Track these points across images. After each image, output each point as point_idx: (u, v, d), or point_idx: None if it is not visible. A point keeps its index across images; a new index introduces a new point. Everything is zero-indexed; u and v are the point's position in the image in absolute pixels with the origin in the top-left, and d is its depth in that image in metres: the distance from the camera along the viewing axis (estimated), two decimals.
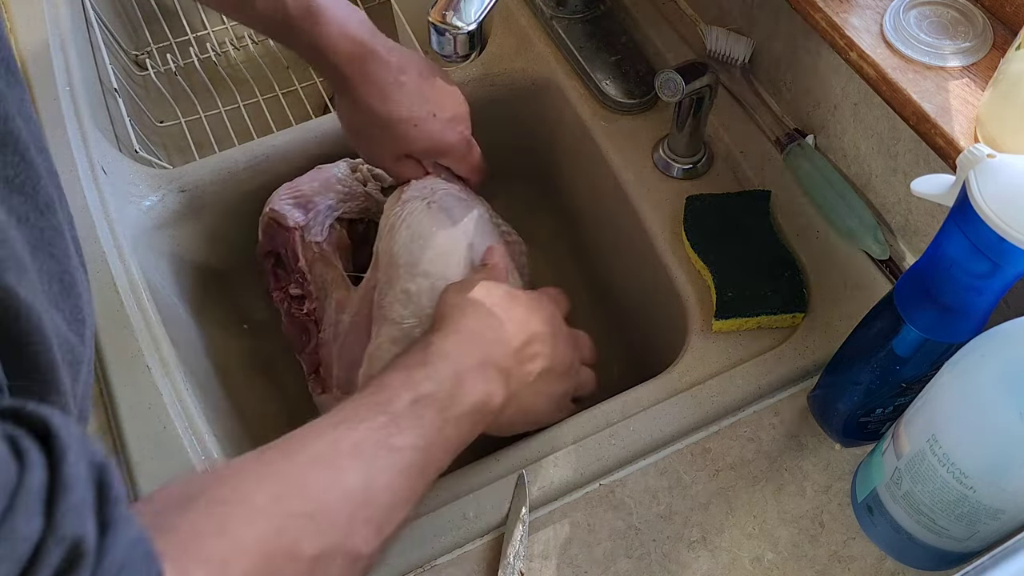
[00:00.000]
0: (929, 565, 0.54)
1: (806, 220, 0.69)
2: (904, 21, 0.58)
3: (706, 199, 0.70)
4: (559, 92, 0.82)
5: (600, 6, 0.83)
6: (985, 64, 0.56)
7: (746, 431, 0.60)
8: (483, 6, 0.58)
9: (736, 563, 0.55)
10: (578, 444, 0.59)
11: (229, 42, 1.02)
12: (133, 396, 0.61)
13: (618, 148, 0.76)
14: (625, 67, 0.79)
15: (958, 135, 0.53)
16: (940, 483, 0.47)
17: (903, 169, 0.63)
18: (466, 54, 0.60)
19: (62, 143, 0.73)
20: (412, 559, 0.55)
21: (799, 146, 0.70)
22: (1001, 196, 0.41)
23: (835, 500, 0.57)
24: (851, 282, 0.66)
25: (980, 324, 0.47)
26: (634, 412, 0.61)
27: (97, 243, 0.68)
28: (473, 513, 0.57)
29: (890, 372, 0.52)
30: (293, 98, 1.01)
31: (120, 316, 0.64)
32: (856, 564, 0.55)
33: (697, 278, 0.68)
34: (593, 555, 0.55)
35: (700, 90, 0.67)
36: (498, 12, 0.86)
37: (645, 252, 0.73)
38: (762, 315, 0.64)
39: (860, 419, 0.56)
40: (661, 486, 0.58)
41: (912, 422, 0.49)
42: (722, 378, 0.62)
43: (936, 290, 0.47)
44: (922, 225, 0.63)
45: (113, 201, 0.71)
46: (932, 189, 0.46)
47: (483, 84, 0.82)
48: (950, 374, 0.46)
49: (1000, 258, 0.42)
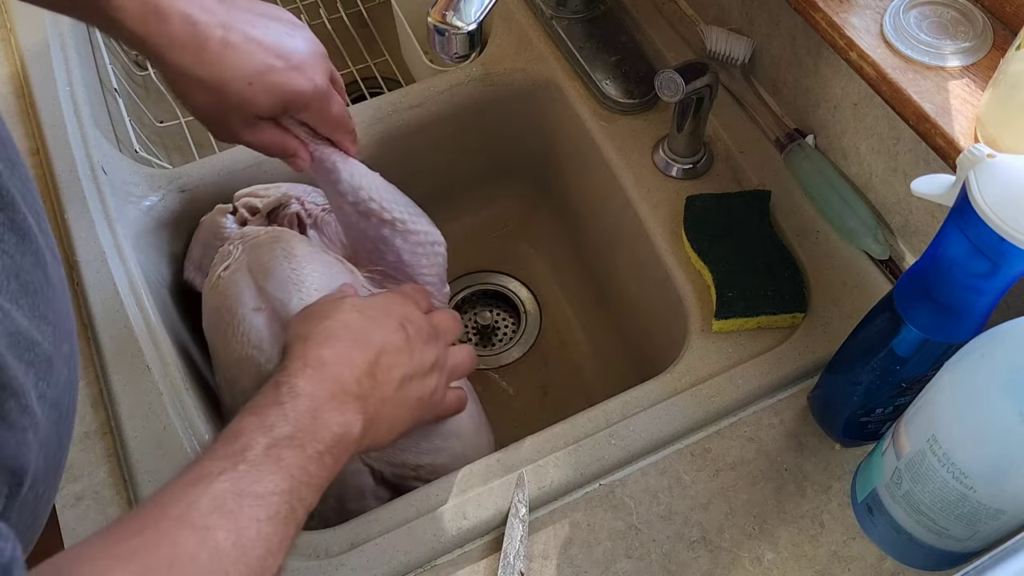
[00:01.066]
0: (929, 565, 0.54)
1: (806, 220, 0.69)
2: (904, 21, 0.58)
3: (706, 199, 0.70)
4: (559, 92, 0.82)
5: (600, 6, 0.83)
6: (985, 64, 0.56)
7: (746, 431, 0.60)
8: (483, 6, 0.58)
9: (736, 563, 0.55)
10: (578, 444, 0.59)
11: None
12: (133, 396, 0.61)
13: (618, 148, 0.76)
14: (625, 67, 0.79)
15: (958, 135, 0.53)
16: (940, 483, 0.47)
17: (903, 169, 0.63)
18: (466, 54, 0.60)
19: (62, 143, 0.73)
20: (412, 559, 0.55)
21: (799, 146, 0.70)
22: (1001, 196, 0.41)
23: (835, 500, 0.57)
24: (851, 282, 0.66)
25: (980, 324, 0.47)
26: (634, 412, 0.61)
27: (97, 243, 0.68)
28: (473, 513, 0.57)
29: (890, 372, 0.52)
30: None
31: (120, 316, 0.64)
32: (856, 564, 0.55)
33: (697, 278, 0.68)
34: (593, 555, 0.55)
35: (700, 90, 0.67)
36: (498, 12, 0.86)
37: (645, 252, 0.73)
38: (762, 315, 0.64)
39: (860, 419, 0.56)
40: (661, 486, 0.58)
41: (912, 422, 0.49)
42: (722, 378, 0.62)
43: (936, 290, 0.47)
44: (922, 225, 0.63)
45: (113, 201, 0.71)
46: (932, 189, 0.46)
47: (483, 84, 0.82)
48: (950, 374, 0.46)
49: (1000, 258, 0.42)
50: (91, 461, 0.59)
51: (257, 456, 0.43)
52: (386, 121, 0.80)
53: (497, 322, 0.92)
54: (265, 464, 0.43)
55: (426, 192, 0.87)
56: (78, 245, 0.68)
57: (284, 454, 0.44)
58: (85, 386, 0.62)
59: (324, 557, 0.55)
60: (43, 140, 0.74)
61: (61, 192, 0.70)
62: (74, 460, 0.59)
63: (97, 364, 0.63)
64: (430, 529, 0.56)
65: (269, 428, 0.45)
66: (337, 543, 0.55)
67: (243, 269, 0.64)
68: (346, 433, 0.48)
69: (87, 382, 0.63)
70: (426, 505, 0.57)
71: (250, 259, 0.64)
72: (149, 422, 0.60)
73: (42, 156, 0.74)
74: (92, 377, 0.63)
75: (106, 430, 0.61)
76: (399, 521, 0.56)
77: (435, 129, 0.82)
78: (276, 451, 0.44)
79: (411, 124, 0.81)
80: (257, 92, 0.56)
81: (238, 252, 0.65)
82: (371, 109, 0.80)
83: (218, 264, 0.66)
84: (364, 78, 1.02)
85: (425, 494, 0.58)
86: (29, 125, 0.76)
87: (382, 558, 0.55)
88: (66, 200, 0.70)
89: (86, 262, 0.67)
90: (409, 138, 0.81)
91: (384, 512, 0.57)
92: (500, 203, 0.95)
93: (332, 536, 0.56)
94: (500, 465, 0.59)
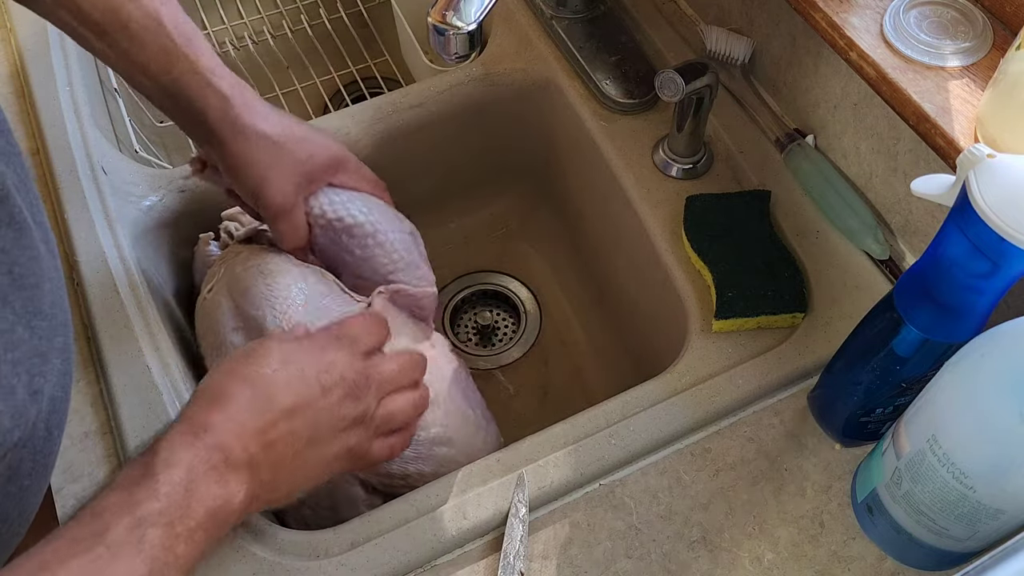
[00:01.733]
0: (929, 565, 0.54)
1: (806, 220, 0.69)
2: (904, 21, 0.58)
3: (706, 199, 0.70)
4: (559, 92, 0.82)
5: (600, 6, 0.83)
6: (985, 64, 0.56)
7: (746, 431, 0.60)
8: (483, 6, 0.58)
9: (736, 563, 0.55)
10: (578, 444, 0.59)
11: (229, 42, 1.01)
12: (133, 396, 0.61)
13: (618, 148, 0.76)
14: (625, 67, 0.79)
15: (958, 135, 0.53)
16: (940, 483, 0.47)
17: (903, 169, 0.63)
18: (466, 54, 0.60)
19: (62, 143, 0.73)
20: (412, 559, 0.55)
21: (799, 146, 0.70)
22: (1001, 196, 0.41)
23: (835, 500, 0.57)
24: (851, 282, 0.66)
25: (980, 324, 0.47)
26: (634, 412, 0.61)
27: (97, 243, 0.68)
28: (473, 513, 0.57)
29: (890, 372, 0.52)
30: (293, 98, 1.01)
31: (120, 316, 0.64)
32: (856, 564, 0.55)
33: (697, 278, 0.68)
34: (593, 555, 0.55)
35: (700, 90, 0.67)
36: (498, 12, 0.86)
37: (645, 252, 0.73)
38: (762, 315, 0.64)
39: (860, 419, 0.56)
40: (661, 486, 0.58)
41: (912, 422, 0.49)
42: (722, 378, 0.62)
43: (936, 290, 0.47)
44: (922, 225, 0.63)
45: (113, 201, 0.71)
46: (932, 189, 0.46)
47: (483, 84, 0.82)
48: (950, 374, 0.46)
49: (1000, 258, 0.42)
50: (91, 461, 0.59)
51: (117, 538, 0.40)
52: (386, 121, 0.80)
53: (497, 322, 0.92)
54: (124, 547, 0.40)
55: (426, 192, 0.87)
56: (78, 245, 0.68)
57: (148, 533, 0.41)
58: (85, 386, 0.62)
59: (324, 557, 0.55)
60: (43, 140, 0.74)
61: (61, 192, 0.70)
62: (74, 460, 0.59)
63: (97, 364, 0.63)
64: (430, 529, 0.56)
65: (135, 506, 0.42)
66: (337, 543, 0.55)
67: (224, 290, 0.64)
68: (224, 505, 0.45)
69: (87, 382, 0.63)
70: (426, 505, 0.57)
71: (229, 279, 0.64)
72: (149, 422, 0.60)
73: (42, 156, 0.74)
74: (92, 377, 0.63)
75: (106, 430, 0.61)
76: (399, 521, 0.56)
77: (435, 129, 0.82)
78: (140, 531, 0.41)
79: (411, 124, 0.81)
80: (314, 148, 0.62)
81: (220, 272, 0.66)
82: (371, 109, 0.80)
83: (204, 286, 0.67)
84: (364, 78, 1.02)
85: (425, 494, 0.58)
86: (29, 125, 0.76)
87: (382, 558, 0.55)
88: (66, 200, 0.70)
89: (86, 262, 0.67)
90: (409, 138, 0.81)
91: (384, 512, 0.57)
92: (500, 203, 0.95)
93: (332, 536, 0.56)
94: (500, 465, 0.59)
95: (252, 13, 1.05)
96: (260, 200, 0.61)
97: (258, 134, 0.59)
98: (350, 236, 0.65)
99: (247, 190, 0.61)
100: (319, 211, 0.64)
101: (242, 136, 0.59)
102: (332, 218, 0.64)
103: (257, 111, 0.60)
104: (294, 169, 0.61)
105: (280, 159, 0.60)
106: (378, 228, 0.65)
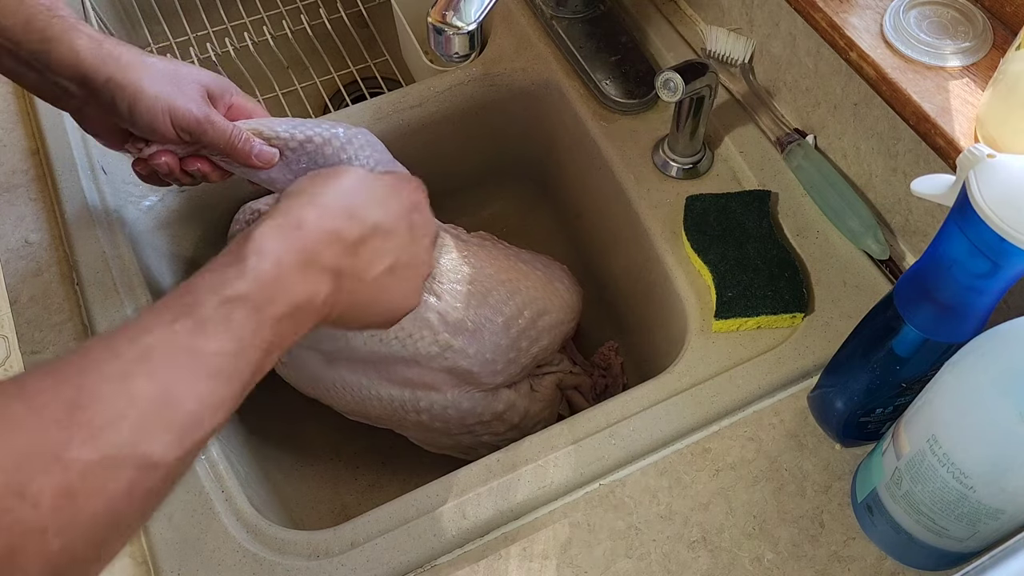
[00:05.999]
0: (929, 565, 0.54)
1: (806, 220, 0.69)
2: (904, 21, 0.58)
3: (706, 199, 0.70)
4: (559, 92, 0.82)
5: (600, 6, 0.83)
6: (985, 64, 0.56)
7: (746, 431, 0.60)
8: (483, 6, 0.58)
9: (736, 563, 0.55)
10: (578, 444, 0.59)
11: (229, 42, 1.01)
12: None
13: (618, 148, 0.76)
14: (625, 67, 0.79)
15: (958, 135, 0.53)
16: (940, 483, 0.47)
17: (903, 169, 0.63)
18: (466, 54, 0.60)
19: (62, 143, 0.73)
20: (412, 559, 0.55)
21: (799, 146, 0.70)
22: (1001, 196, 0.41)
23: (835, 500, 0.57)
24: (851, 282, 0.66)
25: (980, 324, 0.47)
26: (634, 412, 0.61)
27: (97, 243, 0.68)
28: (473, 513, 0.57)
29: (890, 372, 0.52)
30: (293, 98, 1.01)
31: (120, 316, 0.64)
32: (856, 564, 0.55)
33: (697, 278, 0.68)
34: (593, 555, 0.55)
35: (700, 90, 0.67)
36: (498, 12, 0.86)
37: (645, 252, 0.73)
38: (762, 315, 0.64)
39: (860, 419, 0.56)
40: (661, 486, 0.58)
41: (912, 422, 0.49)
42: (722, 378, 0.62)
43: (936, 290, 0.47)
44: (922, 225, 0.63)
45: (113, 201, 0.71)
46: (932, 189, 0.46)
47: (483, 84, 0.82)
48: (950, 374, 0.46)
49: (1000, 258, 0.42)
50: None
51: (206, 313, 0.41)
52: (386, 121, 0.80)
53: None
54: (212, 322, 0.41)
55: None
56: (78, 245, 0.68)
57: (235, 314, 0.42)
58: None
59: (324, 557, 0.55)
60: (43, 140, 0.74)
61: (61, 192, 0.70)
62: None
63: None
64: (430, 529, 0.56)
65: (225, 285, 0.42)
66: (337, 543, 0.56)
67: None
68: (307, 303, 0.46)
69: None
70: (426, 505, 0.57)
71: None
72: None
73: (42, 156, 0.74)
74: None
75: None
76: (399, 521, 0.56)
77: (435, 129, 0.82)
78: (227, 310, 0.41)
79: (411, 124, 0.81)
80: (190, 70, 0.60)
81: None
82: (371, 109, 0.80)
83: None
84: (364, 78, 1.02)
85: (425, 494, 0.58)
86: (29, 125, 0.76)
87: (382, 558, 0.55)
88: (66, 200, 0.70)
89: (86, 262, 0.67)
90: (409, 138, 0.81)
91: (384, 512, 0.57)
92: (500, 203, 0.95)
93: (332, 536, 0.56)
94: (500, 465, 0.59)
95: (252, 13, 1.05)
96: (177, 120, 0.58)
97: (143, 63, 0.57)
98: (324, 155, 0.62)
99: (152, 117, 0.58)
100: (287, 134, 0.62)
101: (130, 68, 0.57)
102: (302, 139, 0.62)
103: (127, 47, 0.58)
104: (193, 89, 0.59)
105: (177, 79, 0.58)
106: (352, 139, 0.63)
